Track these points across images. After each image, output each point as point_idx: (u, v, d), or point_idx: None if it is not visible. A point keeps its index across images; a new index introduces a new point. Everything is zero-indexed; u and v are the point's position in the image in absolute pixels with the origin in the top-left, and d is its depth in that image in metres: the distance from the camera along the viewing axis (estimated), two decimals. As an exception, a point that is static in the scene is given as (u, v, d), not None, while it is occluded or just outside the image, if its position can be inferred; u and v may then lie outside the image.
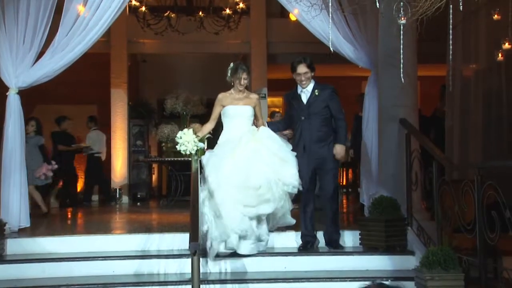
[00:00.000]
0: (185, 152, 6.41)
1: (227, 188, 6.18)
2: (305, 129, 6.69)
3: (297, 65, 6.75)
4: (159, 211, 10.95)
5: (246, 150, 6.39)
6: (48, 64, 7.37)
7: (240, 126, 6.68)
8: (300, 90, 6.82)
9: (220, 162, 6.32)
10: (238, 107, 6.72)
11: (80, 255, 6.51)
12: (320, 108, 6.69)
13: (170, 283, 6.07)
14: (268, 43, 13.65)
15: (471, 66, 9.97)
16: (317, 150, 6.66)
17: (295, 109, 6.83)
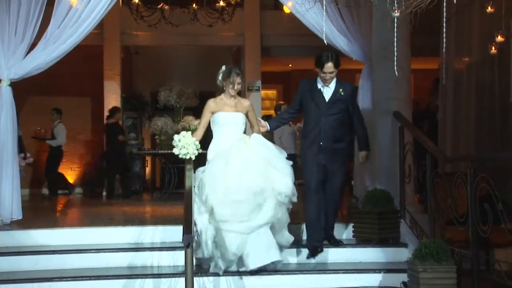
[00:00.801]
0: (185, 156, 5.98)
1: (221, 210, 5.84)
2: (325, 129, 6.37)
3: (325, 63, 6.31)
4: (152, 204, 10.95)
5: (238, 161, 5.98)
6: (41, 56, 7.34)
7: (231, 134, 6.23)
8: (321, 85, 6.46)
9: (214, 183, 5.92)
10: (229, 114, 6.26)
11: (73, 248, 6.51)
12: (341, 108, 6.43)
13: (163, 275, 6.07)
14: (262, 35, 13.64)
15: (464, 59, 9.99)
16: (334, 148, 6.40)
17: (314, 104, 6.43)
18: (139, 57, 15.55)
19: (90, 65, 13.54)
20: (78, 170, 14.20)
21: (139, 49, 15.10)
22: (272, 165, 6.05)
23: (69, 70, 12.28)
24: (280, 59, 15.00)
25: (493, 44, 9.08)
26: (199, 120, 10.95)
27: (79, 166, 14.27)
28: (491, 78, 9.42)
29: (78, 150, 14.21)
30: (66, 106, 13.73)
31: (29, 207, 8.60)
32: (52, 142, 12.72)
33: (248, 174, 5.91)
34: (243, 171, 5.92)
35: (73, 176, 14.13)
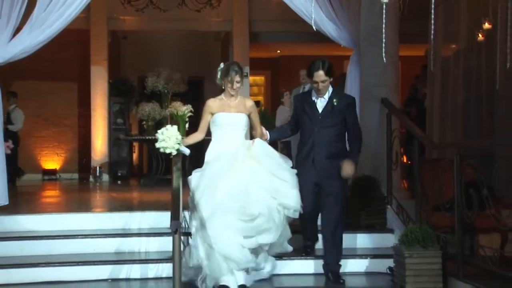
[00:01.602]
0: (164, 150, 5.58)
1: (223, 216, 5.28)
2: (318, 144, 5.85)
3: (314, 72, 5.83)
4: (140, 190, 10.96)
5: (243, 170, 5.47)
6: (26, 40, 7.27)
7: (232, 137, 5.73)
8: (315, 97, 5.96)
9: (214, 184, 5.40)
10: (230, 115, 5.76)
11: (60, 233, 6.52)
12: (336, 120, 5.89)
13: (151, 261, 6.10)
14: (250, 21, 13.60)
15: (452, 46, 10.03)
16: (328, 166, 5.83)
17: (307, 117, 5.95)
18: (126, 42, 15.49)
19: (76, 49, 13.47)
20: (64, 156, 14.16)
21: (127, 34, 15.03)
22: (277, 177, 5.55)
23: (56, 55, 12.18)
24: (269, 45, 14.99)
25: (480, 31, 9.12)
26: (187, 106, 11.07)
27: (65, 151, 14.22)
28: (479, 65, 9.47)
29: (65, 135, 14.14)
30: (53, 91, 13.69)
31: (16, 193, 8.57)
32: (12, 127, 12.38)
33: (253, 188, 5.41)
34: (250, 184, 5.41)
35: (59, 161, 14.08)
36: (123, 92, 13.80)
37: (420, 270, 5.53)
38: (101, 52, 13.24)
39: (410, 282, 5.52)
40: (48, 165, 14.01)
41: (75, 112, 14.15)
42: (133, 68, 15.18)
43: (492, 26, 8.73)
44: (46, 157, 14.01)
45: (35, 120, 13.85)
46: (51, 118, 14.01)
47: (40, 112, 13.88)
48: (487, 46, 9.12)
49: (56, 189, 11.48)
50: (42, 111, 13.90)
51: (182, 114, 10.79)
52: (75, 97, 14.11)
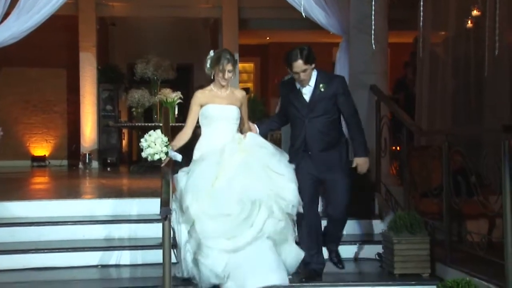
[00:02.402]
0: (152, 157, 5.05)
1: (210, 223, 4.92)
2: (310, 135, 5.32)
3: (291, 62, 5.25)
4: (129, 176, 10.94)
5: (231, 166, 5.04)
6: (14, 26, 7.24)
7: (223, 131, 5.27)
8: (300, 85, 5.43)
9: (199, 187, 4.99)
10: (220, 107, 5.27)
11: (49, 220, 6.53)
12: (327, 107, 5.33)
13: (140, 247, 6.10)
14: (240, 8, 13.54)
15: (441, 33, 10.05)
16: (325, 158, 5.35)
17: (294, 108, 5.41)
18: (115, 29, 15.39)
19: (65, 36, 13.38)
20: (53, 142, 14.10)
21: (116, 21, 14.93)
22: (272, 170, 5.11)
23: (44, 41, 12.11)
24: (258, 32, 14.95)
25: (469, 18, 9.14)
26: (176, 92, 11.04)
27: (54, 138, 14.16)
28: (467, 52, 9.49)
29: (54, 121, 14.08)
30: (42, 77, 13.62)
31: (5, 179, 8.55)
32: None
33: (241, 181, 4.98)
34: (236, 178, 4.99)
35: (48, 148, 14.03)
36: (112, 79, 13.73)
37: (408, 255, 5.57)
38: (89, 39, 13.15)
39: (399, 267, 5.56)
40: (37, 151, 13.95)
41: (64, 99, 14.08)
42: (122, 54, 15.11)
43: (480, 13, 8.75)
44: (35, 143, 13.95)
45: (24, 107, 13.80)
46: (40, 104, 13.94)
47: (28, 99, 13.81)
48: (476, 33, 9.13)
49: (45, 176, 11.45)
50: (30, 98, 13.83)
51: (172, 101, 10.79)
52: (64, 83, 14.03)
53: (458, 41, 9.64)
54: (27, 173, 11.86)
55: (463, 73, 9.50)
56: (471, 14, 8.88)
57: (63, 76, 13.94)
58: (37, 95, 13.87)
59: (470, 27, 9.14)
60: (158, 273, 4.90)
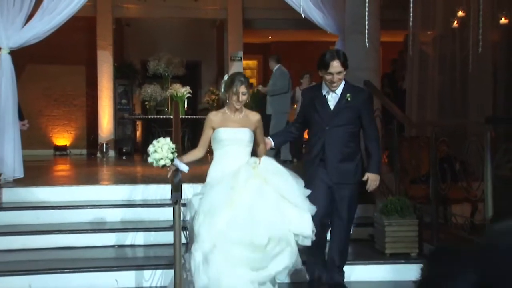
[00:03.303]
0: (157, 162, 4.53)
1: (225, 249, 4.24)
2: (329, 143, 4.78)
3: (330, 61, 4.73)
4: (143, 164, 10.93)
5: (246, 192, 4.38)
6: (38, 26, 7.25)
7: (235, 155, 4.63)
8: (326, 91, 4.85)
9: (213, 211, 4.34)
10: (233, 131, 4.66)
11: (71, 204, 6.54)
12: (350, 117, 4.80)
13: (153, 229, 6.12)
14: (244, 9, 13.51)
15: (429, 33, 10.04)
16: (341, 170, 4.82)
17: (317, 114, 4.85)
18: (130, 29, 15.37)
19: (84, 35, 13.38)
20: (73, 133, 14.13)
21: (130, 21, 14.92)
22: (286, 199, 4.45)
23: (65, 40, 12.10)
24: (261, 31, 14.91)
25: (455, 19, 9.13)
26: (186, 87, 11.05)
27: (74, 129, 14.19)
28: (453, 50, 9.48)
29: (74, 114, 14.11)
30: (63, 74, 13.63)
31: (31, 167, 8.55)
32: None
33: (262, 213, 4.32)
34: (256, 208, 4.33)
35: (69, 138, 14.07)
36: (127, 75, 13.75)
37: (398, 236, 5.59)
38: (106, 38, 13.15)
39: (389, 247, 5.58)
40: (59, 141, 13.98)
41: (83, 93, 14.09)
42: (136, 52, 15.08)
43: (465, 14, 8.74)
44: (57, 134, 13.98)
45: (47, 100, 13.82)
46: (61, 98, 13.96)
47: (51, 93, 13.84)
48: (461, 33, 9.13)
49: (67, 164, 11.48)
50: (52, 92, 13.86)
51: (182, 95, 10.80)
52: (83, 79, 14.03)
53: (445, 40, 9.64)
54: (50, 161, 11.90)
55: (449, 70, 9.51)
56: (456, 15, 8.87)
57: (82, 72, 13.94)
58: (58, 89, 13.89)
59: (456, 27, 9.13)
60: (169, 252, 4.92)
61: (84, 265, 5.48)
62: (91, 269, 5.38)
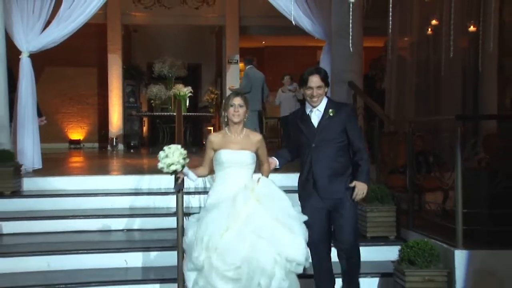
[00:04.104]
0: (168, 167, 4.18)
1: (212, 278, 3.88)
2: (316, 160, 4.34)
3: (308, 76, 4.39)
4: (149, 157, 10.93)
5: (240, 216, 3.96)
6: (54, 32, 7.27)
7: (236, 177, 4.18)
8: (309, 110, 4.44)
9: (209, 235, 3.92)
10: (233, 153, 4.21)
11: (84, 192, 6.54)
12: (335, 132, 4.34)
13: (158, 215, 6.14)
14: (240, 17, 13.50)
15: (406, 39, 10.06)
16: (332, 188, 4.34)
17: (302, 133, 4.43)
18: (137, 35, 15.34)
19: (96, 40, 13.35)
20: (86, 128, 14.11)
21: (137, 28, 14.89)
22: (281, 224, 3.99)
23: (79, 45, 12.05)
24: (255, 37, 14.90)
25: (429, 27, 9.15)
26: (188, 87, 11.02)
27: (87, 125, 14.17)
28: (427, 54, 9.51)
29: (87, 111, 14.09)
30: (77, 75, 13.62)
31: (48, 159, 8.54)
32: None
33: (250, 236, 3.91)
34: (245, 231, 3.93)
35: (82, 133, 14.05)
36: (135, 76, 13.74)
37: (378, 222, 5.62)
38: (116, 43, 13.13)
39: (370, 231, 5.61)
40: (73, 136, 13.96)
41: (95, 93, 14.07)
42: (143, 56, 15.06)
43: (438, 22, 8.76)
44: (71, 129, 13.97)
45: (62, 99, 13.81)
46: (75, 97, 13.94)
47: (66, 92, 13.82)
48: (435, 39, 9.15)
49: (80, 156, 11.46)
50: (68, 92, 13.84)
51: (184, 94, 10.77)
52: (95, 80, 14.01)
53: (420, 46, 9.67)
54: (66, 154, 11.87)
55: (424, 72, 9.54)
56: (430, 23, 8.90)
57: (94, 74, 13.92)
58: (73, 89, 13.87)
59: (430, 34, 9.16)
60: (173, 236, 4.92)
61: (97, 247, 5.49)
62: (102, 251, 5.39)
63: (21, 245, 5.52)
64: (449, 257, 4.78)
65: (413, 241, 4.90)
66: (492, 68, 8.62)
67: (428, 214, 5.65)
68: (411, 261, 4.73)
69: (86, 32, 8.77)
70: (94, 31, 12.44)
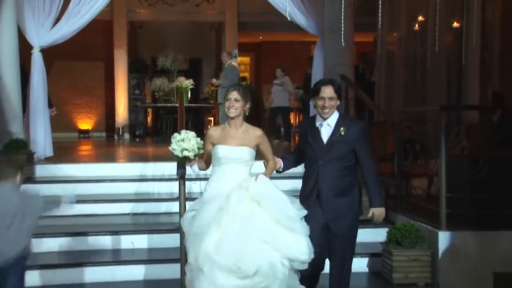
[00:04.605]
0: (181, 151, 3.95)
1: (211, 273, 3.49)
2: (322, 177, 3.89)
3: (321, 87, 3.92)
4: (153, 145, 10.94)
5: (236, 217, 3.59)
6: (64, 28, 7.23)
7: (233, 173, 3.80)
8: (319, 123, 3.96)
9: (201, 234, 3.59)
10: (230, 149, 3.81)
11: (93, 178, 6.54)
12: (344, 152, 3.90)
13: (162, 200, 6.15)
14: (239, 13, 13.44)
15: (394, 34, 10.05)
16: (336, 206, 3.91)
17: (310, 146, 3.96)
18: (141, 30, 15.24)
19: (103, 36, 13.26)
20: (94, 119, 14.09)
21: (142, 24, 14.79)
22: (282, 225, 3.62)
23: (87, 40, 11.98)
24: (253, 32, 14.85)
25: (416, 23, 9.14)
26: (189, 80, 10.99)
27: (95, 115, 14.14)
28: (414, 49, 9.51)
29: (95, 103, 14.06)
30: (85, 69, 13.57)
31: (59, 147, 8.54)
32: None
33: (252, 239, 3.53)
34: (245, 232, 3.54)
35: (91, 123, 14.03)
36: (139, 70, 13.69)
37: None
38: (121, 38, 13.07)
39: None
40: (82, 126, 13.94)
41: (102, 85, 14.01)
42: (147, 50, 14.97)
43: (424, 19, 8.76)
44: (81, 120, 13.94)
45: (72, 91, 13.74)
46: (84, 89, 13.87)
47: (75, 85, 13.74)
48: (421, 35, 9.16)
49: (89, 145, 11.45)
50: (77, 84, 13.77)
51: (186, 86, 10.75)
52: (102, 73, 13.94)
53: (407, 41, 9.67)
54: (75, 143, 11.86)
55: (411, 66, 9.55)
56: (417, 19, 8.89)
57: (102, 68, 13.86)
58: (81, 82, 13.80)
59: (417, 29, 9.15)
60: (176, 219, 4.96)
61: (105, 230, 5.52)
62: (111, 233, 5.42)
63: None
64: (433, 238, 4.82)
65: (400, 224, 4.94)
66: (474, 62, 8.64)
67: (414, 199, 5.68)
68: (398, 242, 4.77)
69: (93, 28, 8.72)
70: (101, 27, 12.36)
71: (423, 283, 4.79)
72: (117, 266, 4.95)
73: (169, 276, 4.78)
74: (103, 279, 4.84)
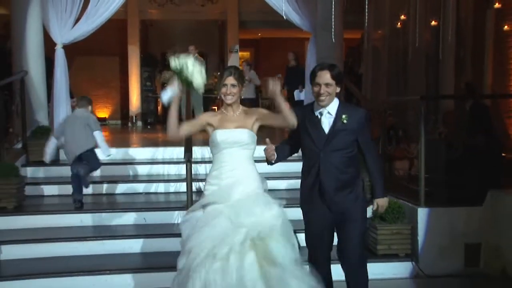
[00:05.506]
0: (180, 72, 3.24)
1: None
2: (324, 171, 3.26)
3: (318, 71, 3.27)
4: (163, 132, 10.88)
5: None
6: (83, 27, 7.21)
7: (233, 159, 3.18)
8: (319, 111, 3.32)
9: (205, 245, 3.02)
10: (229, 132, 3.20)
11: (109, 161, 6.48)
12: (347, 141, 3.28)
13: (171, 180, 6.16)
14: (240, 13, 13.37)
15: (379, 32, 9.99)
16: (340, 199, 3.27)
17: (310, 138, 3.31)
18: (152, 28, 15.14)
19: (118, 33, 13.18)
20: (111, 108, 14.06)
21: (152, 22, 14.69)
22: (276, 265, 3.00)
23: (104, 37, 11.88)
24: (253, 30, 14.76)
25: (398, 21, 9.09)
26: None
27: (111, 105, 14.10)
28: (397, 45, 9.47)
29: (111, 93, 14.02)
30: (102, 63, 13.52)
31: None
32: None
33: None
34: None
35: (107, 112, 14.00)
36: (151, 64, 13.62)
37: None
38: (134, 35, 13.02)
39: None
40: (100, 114, 13.88)
41: (117, 78, 13.95)
42: (157, 46, 14.87)
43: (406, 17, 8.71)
44: (98, 109, 13.89)
45: (91, 84, 13.64)
46: (101, 81, 13.81)
47: (93, 78, 13.66)
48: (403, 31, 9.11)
49: (105, 132, 11.34)
50: (95, 77, 13.69)
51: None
52: (117, 67, 13.88)
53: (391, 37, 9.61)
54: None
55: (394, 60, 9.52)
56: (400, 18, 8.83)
57: (117, 62, 13.79)
58: (99, 75, 13.73)
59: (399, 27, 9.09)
60: (183, 198, 4.96)
61: (120, 207, 5.54)
62: (125, 210, 5.42)
63: (59, 205, 5.59)
64: (413, 214, 4.83)
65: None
66: (450, 57, 8.65)
67: (397, 179, 5.68)
68: (382, 217, 4.77)
69: (109, 27, 8.64)
70: (117, 26, 12.26)
71: (403, 253, 4.81)
72: (133, 240, 4.94)
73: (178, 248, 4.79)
74: (122, 251, 4.84)
